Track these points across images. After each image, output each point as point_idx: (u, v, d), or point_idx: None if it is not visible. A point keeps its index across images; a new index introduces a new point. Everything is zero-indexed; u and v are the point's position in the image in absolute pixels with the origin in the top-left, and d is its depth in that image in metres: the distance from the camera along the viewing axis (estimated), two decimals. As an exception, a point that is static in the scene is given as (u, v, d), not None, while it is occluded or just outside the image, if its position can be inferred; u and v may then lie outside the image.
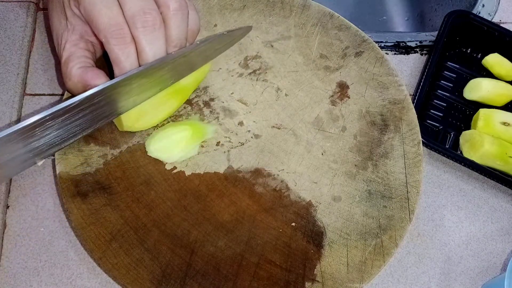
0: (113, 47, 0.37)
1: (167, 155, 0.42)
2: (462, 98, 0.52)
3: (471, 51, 0.55)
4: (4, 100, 0.44)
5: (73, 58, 0.39)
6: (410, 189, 0.43)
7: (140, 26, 0.37)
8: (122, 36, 0.37)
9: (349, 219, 0.42)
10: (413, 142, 0.45)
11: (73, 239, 0.41)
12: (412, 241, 0.44)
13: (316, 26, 0.50)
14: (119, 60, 0.37)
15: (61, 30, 0.40)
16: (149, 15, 0.37)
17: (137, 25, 0.37)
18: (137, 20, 0.37)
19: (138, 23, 0.37)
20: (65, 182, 0.39)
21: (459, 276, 0.43)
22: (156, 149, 0.41)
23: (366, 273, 0.39)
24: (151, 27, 0.37)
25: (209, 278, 0.38)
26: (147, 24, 0.37)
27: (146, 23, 0.37)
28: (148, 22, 0.37)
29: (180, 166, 0.42)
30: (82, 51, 0.39)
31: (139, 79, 0.38)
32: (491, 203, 0.47)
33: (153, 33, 0.37)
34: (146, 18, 0.37)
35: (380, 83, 0.48)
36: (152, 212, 0.40)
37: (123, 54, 0.37)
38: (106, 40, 0.37)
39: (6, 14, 0.49)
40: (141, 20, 0.37)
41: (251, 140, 0.44)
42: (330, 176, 0.43)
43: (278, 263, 0.39)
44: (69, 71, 0.38)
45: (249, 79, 0.47)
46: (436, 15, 0.71)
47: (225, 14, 0.49)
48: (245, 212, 0.41)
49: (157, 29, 0.37)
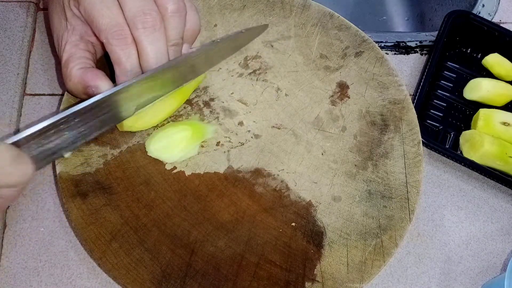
0: (114, 48, 0.37)
1: (167, 155, 0.42)
2: (462, 98, 0.52)
3: (471, 51, 0.55)
4: (4, 100, 0.44)
5: (73, 59, 0.39)
6: (410, 189, 0.43)
7: (140, 27, 0.37)
8: (124, 37, 0.37)
9: (349, 219, 0.42)
10: (413, 142, 0.45)
11: (73, 239, 0.41)
12: (412, 241, 0.44)
13: (316, 26, 0.50)
14: (120, 61, 0.37)
15: (61, 31, 0.40)
16: (149, 16, 0.37)
17: (138, 25, 0.37)
18: (137, 21, 0.37)
19: (138, 24, 0.37)
20: (65, 182, 0.39)
21: (459, 276, 0.43)
22: (156, 149, 0.41)
23: (366, 273, 0.39)
24: (152, 27, 0.37)
25: (209, 278, 0.38)
26: (148, 24, 0.37)
27: (147, 23, 0.37)
28: (148, 22, 0.37)
29: (180, 166, 0.42)
30: (82, 52, 0.39)
31: (162, 76, 0.38)
32: (491, 203, 0.47)
33: (153, 33, 0.37)
34: (146, 19, 0.37)
35: (380, 83, 0.48)
36: (152, 212, 0.40)
37: (124, 55, 0.37)
38: (107, 41, 0.37)
39: (6, 14, 0.49)
40: (141, 21, 0.37)
41: (251, 140, 0.44)
42: (330, 176, 0.43)
43: (278, 263, 0.39)
44: (69, 72, 0.38)
45: (249, 79, 0.47)
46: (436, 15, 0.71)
47: (225, 14, 0.49)
48: (245, 212, 0.41)
49: (157, 29, 0.37)
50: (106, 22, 0.37)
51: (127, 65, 0.37)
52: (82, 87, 0.38)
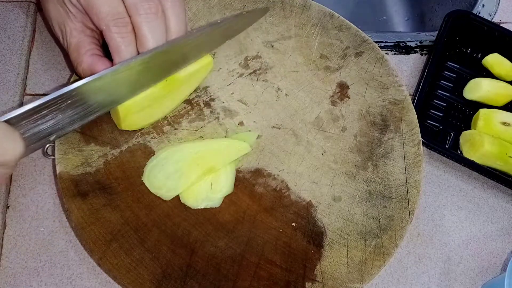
0: (114, 35, 0.37)
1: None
2: (462, 98, 0.52)
3: (471, 51, 0.55)
4: (4, 100, 0.44)
5: (84, 44, 0.39)
6: (410, 189, 0.43)
7: (143, 13, 0.37)
8: (124, 25, 0.37)
9: (349, 219, 0.42)
10: (413, 142, 0.45)
11: (73, 239, 0.41)
12: (412, 241, 0.44)
13: (316, 26, 0.50)
14: (120, 49, 0.37)
15: (62, 18, 0.40)
16: (152, 3, 0.38)
17: (140, 11, 0.37)
18: (139, 7, 0.37)
19: (140, 10, 0.37)
20: (65, 182, 0.39)
21: (459, 276, 0.44)
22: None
23: (366, 273, 0.39)
24: (154, 14, 0.38)
25: (209, 278, 0.38)
26: (150, 11, 0.37)
27: (150, 9, 0.37)
28: (151, 9, 0.37)
29: (180, 166, 0.42)
30: (91, 38, 0.40)
31: (162, 56, 0.39)
32: (491, 203, 0.47)
33: (155, 20, 0.38)
34: (149, 4, 0.37)
35: (380, 83, 0.48)
36: (152, 212, 0.40)
37: (124, 42, 0.37)
38: (107, 28, 0.37)
39: (6, 14, 0.49)
40: (144, 7, 0.37)
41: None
42: (330, 176, 0.43)
43: (278, 263, 0.39)
44: (81, 57, 0.39)
45: (249, 79, 0.47)
46: (436, 15, 0.71)
47: (226, 14, 0.49)
48: (245, 212, 0.41)
49: (159, 17, 0.38)
50: (106, 10, 0.37)
51: (126, 52, 0.38)
52: (91, 73, 0.38)
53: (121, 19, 0.37)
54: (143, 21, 0.37)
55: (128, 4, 0.37)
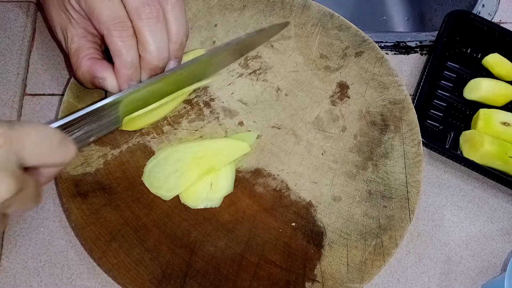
0: (115, 39, 0.37)
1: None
2: (462, 98, 0.52)
3: (471, 51, 0.54)
4: (4, 100, 0.44)
5: (84, 49, 0.39)
6: (410, 189, 0.43)
7: (144, 17, 0.37)
8: (125, 29, 0.37)
9: (349, 219, 0.42)
10: (413, 142, 0.45)
11: (73, 239, 0.41)
12: (412, 241, 0.44)
13: (316, 26, 0.50)
14: (121, 52, 0.37)
15: (64, 23, 0.40)
16: (153, 7, 0.38)
17: (142, 16, 0.37)
18: (141, 12, 0.37)
19: (142, 14, 0.37)
20: (65, 182, 0.39)
21: (459, 276, 0.43)
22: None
23: (366, 273, 0.39)
24: (155, 18, 0.38)
25: (209, 278, 0.38)
26: (152, 15, 0.37)
27: (151, 14, 0.37)
28: (152, 13, 0.37)
29: (180, 166, 0.42)
30: (91, 43, 0.40)
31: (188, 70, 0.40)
32: (491, 203, 0.47)
33: (157, 24, 0.38)
34: (151, 9, 0.37)
35: (380, 83, 0.48)
36: (152, 212, 0.40)
37: (125, 46, 0.37)
38: (109, 32, 0.37)
39: (6, 14, 0.49)
40: (145, 12, 0.37)
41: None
42: (330, 176, 0.43)
43: (278, 263, 0.39)
44: (80, 61, 0.39)
45: (249, 79, 0.47)
46: (436, 15, 0.71)
47: (225, 14, 0.49)
48: (245, 212, 0.41)
49: (160, 21, 0.38)
50: (107, 14, 0.37)
51: (127, 56, 0.38)
52: (90, 77, 0.39)
53: (122, 23, 0.37)
54: (145, 25, 0.37)
55: (130, 8, 0.37)
